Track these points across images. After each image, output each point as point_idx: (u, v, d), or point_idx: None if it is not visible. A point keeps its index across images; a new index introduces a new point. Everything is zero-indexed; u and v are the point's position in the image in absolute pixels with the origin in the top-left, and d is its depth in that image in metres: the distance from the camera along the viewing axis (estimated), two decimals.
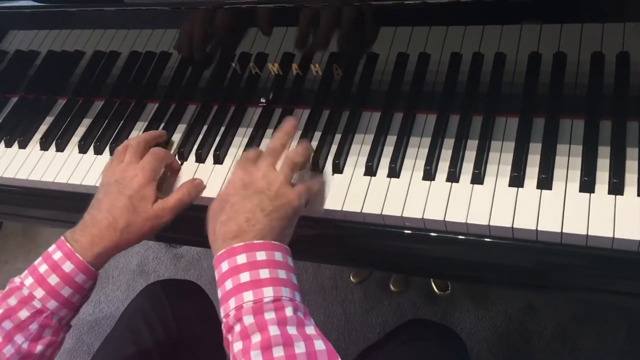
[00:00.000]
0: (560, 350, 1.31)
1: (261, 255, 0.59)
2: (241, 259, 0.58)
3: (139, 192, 0.70)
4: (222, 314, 0.58)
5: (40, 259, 0.67)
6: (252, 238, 0.60)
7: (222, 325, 0.57)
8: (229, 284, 0.58)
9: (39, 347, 0.65)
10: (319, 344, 0.54)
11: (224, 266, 0.59)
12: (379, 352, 0.85)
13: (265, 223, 0.61)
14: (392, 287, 1.44)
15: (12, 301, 0.65)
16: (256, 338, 0.53)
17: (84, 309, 1.48)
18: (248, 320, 0.55)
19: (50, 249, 0.68)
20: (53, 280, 0.65)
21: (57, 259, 0.66)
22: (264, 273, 0.57)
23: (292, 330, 0.54)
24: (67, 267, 0.66)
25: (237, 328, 0.55)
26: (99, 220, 0.68)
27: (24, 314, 0.64)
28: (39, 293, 0.65)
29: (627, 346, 1.28)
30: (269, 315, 0.55)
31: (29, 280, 0.66)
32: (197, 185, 0.75)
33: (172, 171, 0.80)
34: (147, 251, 1.76)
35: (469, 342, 0.84)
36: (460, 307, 1.41)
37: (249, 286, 0.56)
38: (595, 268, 0.65)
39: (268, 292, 0.56)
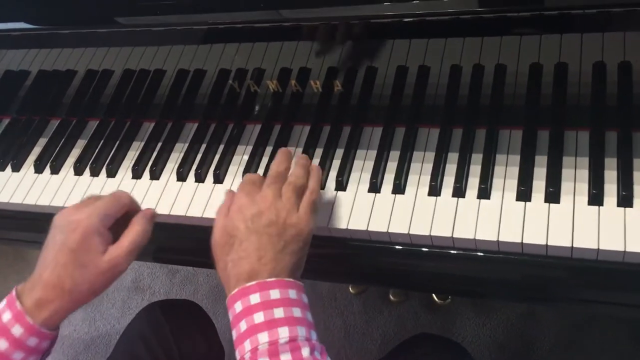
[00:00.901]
0: (563, 356, 1.31)
1: (275, 294, 0.57)
2: (254, 298, 0.56)
3: (82, 243, 0.60)
4: (237, 356, 0.56)
5: None
6: (266, 277, 0.58)
7: None
8: (243, 325, 0.56)
9: None
10: None
11: (238, 307, 0.57)
12: None
13: (278, 260, 0.59)
14: (392, 298, 1.43)
15: None
16: None
17: (78, 328, 1.46)
18: None
19: (0, 306, 0.61)
20: (2, 345, 0.59)
21: (6, 322, 0.59)
22: (279, 312, 0.56)
23: None
24: (17, 331, 0.59)
25: None
26: (44, 280, 0.60)
27: None
28: None
29: (630, 349, 1.28)
30: (285, 357, 0.53)
31: None
32: (151, 217, 0.66)
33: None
34: (142, 267, 1.73)
35: (471, 351, 0.84)
36: (460, 315, 1.41)
37: (264, 327, 0.55)
38: (605, 281, 0.64)
39: (284, 333, 0.55)
